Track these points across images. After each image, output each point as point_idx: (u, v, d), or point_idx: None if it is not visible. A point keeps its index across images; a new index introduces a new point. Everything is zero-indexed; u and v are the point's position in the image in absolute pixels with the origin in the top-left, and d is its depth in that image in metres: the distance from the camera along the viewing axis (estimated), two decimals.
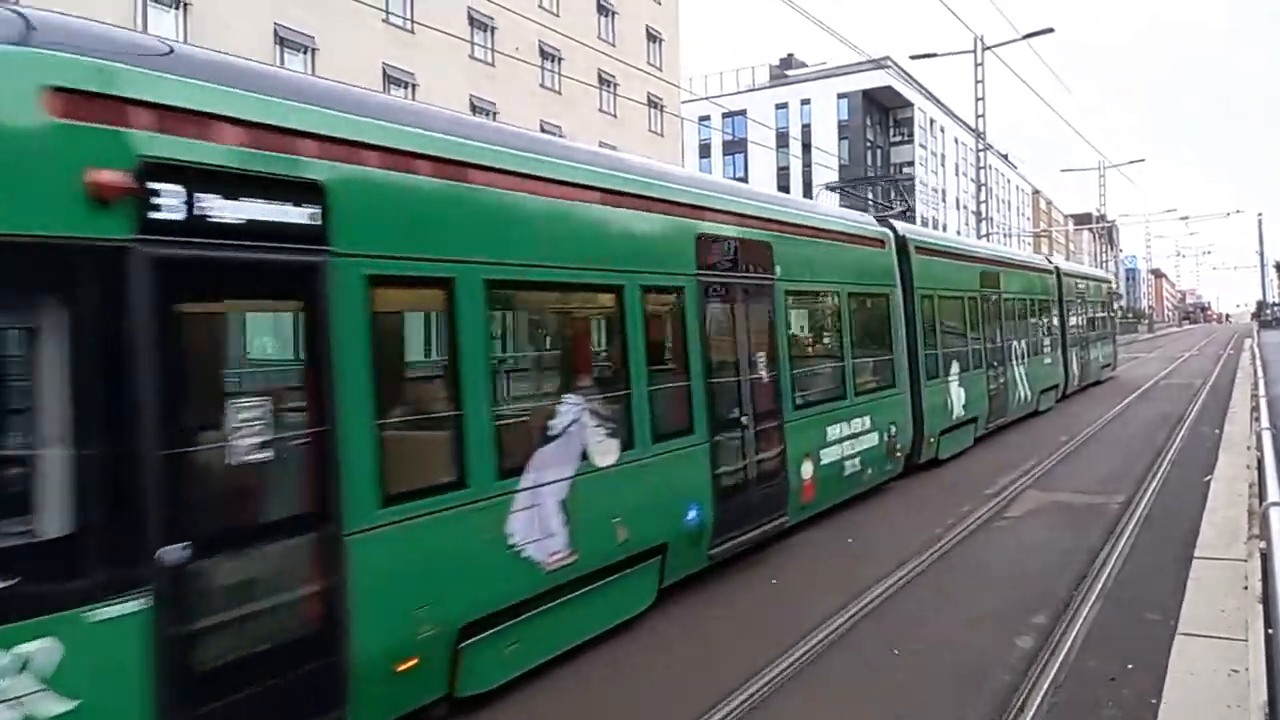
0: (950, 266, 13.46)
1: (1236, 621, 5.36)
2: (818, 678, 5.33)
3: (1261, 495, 5.75)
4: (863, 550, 8.14)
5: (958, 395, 12.78)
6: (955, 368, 12.82)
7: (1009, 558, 7.90)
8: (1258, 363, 20.82)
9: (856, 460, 9.44)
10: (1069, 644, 5.61)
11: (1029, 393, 16.72)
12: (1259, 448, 7.17)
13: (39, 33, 3.31)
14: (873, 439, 9.85)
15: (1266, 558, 4.21)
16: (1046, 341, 18.66)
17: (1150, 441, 13.86)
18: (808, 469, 8.38)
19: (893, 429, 10.42)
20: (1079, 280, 23.14)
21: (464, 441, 4.83)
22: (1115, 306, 38.17)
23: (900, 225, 12.04)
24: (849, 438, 9.31)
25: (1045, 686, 4.97)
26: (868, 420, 9.71)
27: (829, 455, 8.87)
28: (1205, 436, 13.77)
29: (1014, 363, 15.85)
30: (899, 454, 10.69)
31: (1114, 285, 32.89)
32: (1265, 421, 9.13)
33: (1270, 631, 3.98)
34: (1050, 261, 21.29)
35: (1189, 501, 9.06)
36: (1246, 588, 5.83)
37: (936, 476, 11.65)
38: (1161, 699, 4.51)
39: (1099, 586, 6.72)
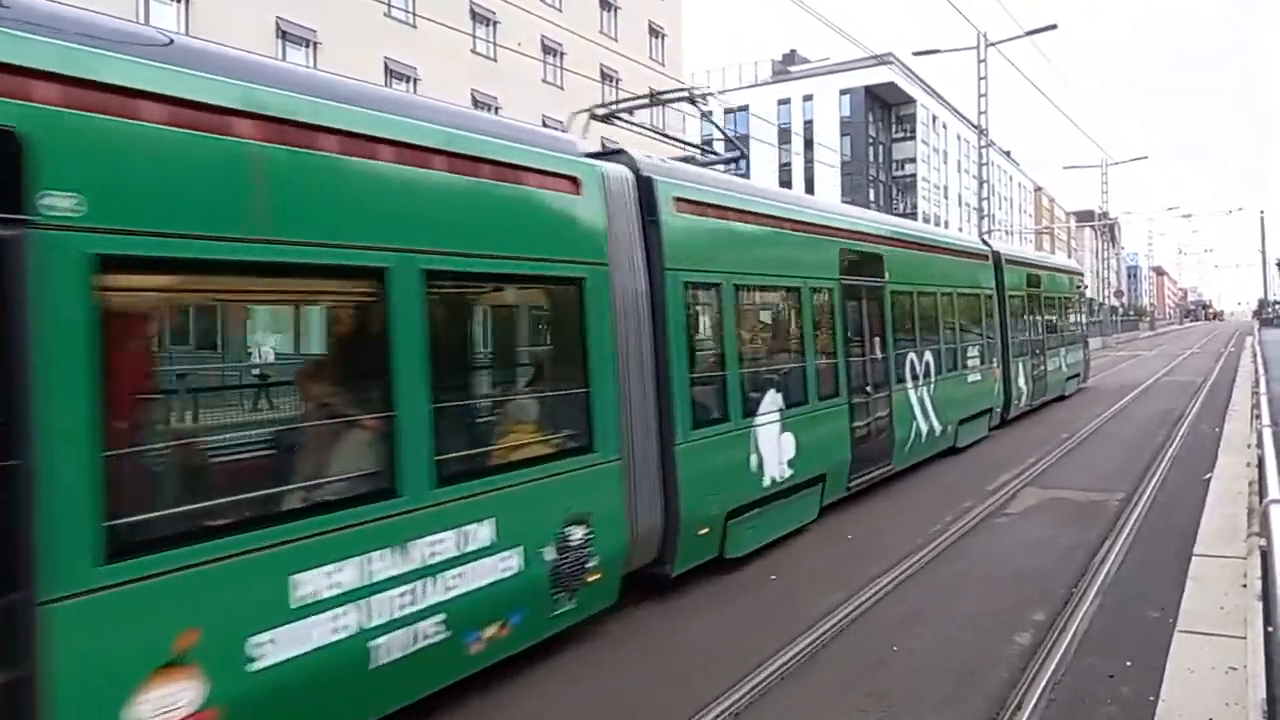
0: (769, 238, 8.40)
1: (1236, 619, 5.37)
2: (815, 674, 5.32)
3: (1262, 493, 5.75)
4: None
5: (778, 447, 8.06)
6: (775, 402, 8.13)
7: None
8: (1258, 360, 20.80)
9: (436, 622, 4.62)
10: (1067, 641, 5.60)
11: (938, 424, 12.05)
12: (1259, 445, 7.16)
13: None
14: (504, 564, 5.06)
15: (1266, 555, 4.20)
16: (974, 350, 14.01)
17: (1143, 448, 13.81)
18: (184, 697, 3.48)
19: (576, 533, 5.58)
20: (1032, 270, 18.32)
21: None
22: (1087, 302, 35.33)
23: (649, 163, 6.93)
24: (407, 579, 4.47)
25: (1043, 683, 4.96)
26: (486, 529, 4.94)
27: (304, 638, 3.96)
28: (1205, 435, 13.73)
29: (909, 383, 11.29)
30: (595, 577, 5.74)
31: (1083, 277, 26.75)
32: (1266, 419, 9.13)
33: (1269, 629, 3.99)
34: (986, 244, 16.48)
35: (1188, 500, 9.04)
36: (1245, 585, 5.84)
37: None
38: (1160, 696, 4.52)
39: (1098, 583, 6.71)
